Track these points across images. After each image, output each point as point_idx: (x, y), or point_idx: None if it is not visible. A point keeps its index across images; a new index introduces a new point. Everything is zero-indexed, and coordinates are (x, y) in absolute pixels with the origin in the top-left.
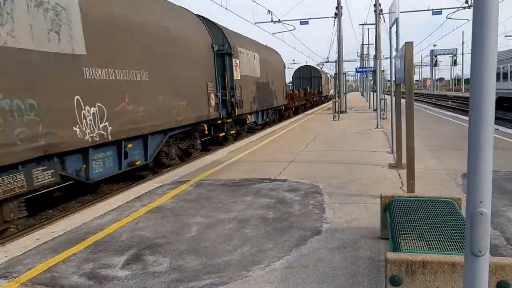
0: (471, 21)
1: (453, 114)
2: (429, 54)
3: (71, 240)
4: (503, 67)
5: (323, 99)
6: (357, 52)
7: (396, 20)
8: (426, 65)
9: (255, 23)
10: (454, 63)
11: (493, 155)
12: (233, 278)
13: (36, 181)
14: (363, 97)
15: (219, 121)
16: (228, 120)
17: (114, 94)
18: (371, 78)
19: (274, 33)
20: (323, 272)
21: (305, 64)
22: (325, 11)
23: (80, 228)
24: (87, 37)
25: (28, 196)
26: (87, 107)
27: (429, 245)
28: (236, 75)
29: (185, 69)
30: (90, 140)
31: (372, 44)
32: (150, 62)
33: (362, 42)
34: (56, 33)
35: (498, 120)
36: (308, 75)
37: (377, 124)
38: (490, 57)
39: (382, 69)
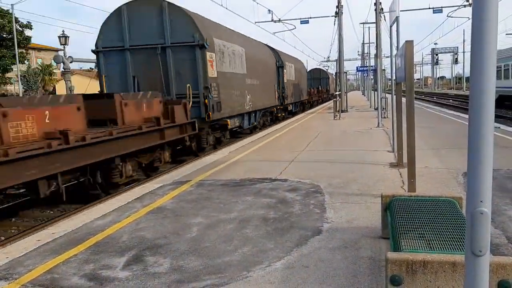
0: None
1: (454, 113)
2: (430, 53)
3: (71, 241)
4: (504, 65)
5: (330, 96)
6: (358, 51)
7: (397, 19)
8: (427, 64)
9: (255, 22)
10: (455, 61)
11: (494, 154)
12: (234, 279)
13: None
14: (364, 96)
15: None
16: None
17: (253, 90)
18: (372, 77)
19: (274, 33)
20: (323, 272)
21: (315, 67)
22: (326, 10)
23: (80, 229)
24: (247, 65)
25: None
26: (247, 96)
27: (430, 244)
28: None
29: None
30: (249, 109)
31: (373, 43)
32: (258, 75)
33: (363, 41)
34: (239, 64)
35: (499, 118)
36: (318, 76)
37: (378, 123)
38: (490, 56)
39: (383, 68)
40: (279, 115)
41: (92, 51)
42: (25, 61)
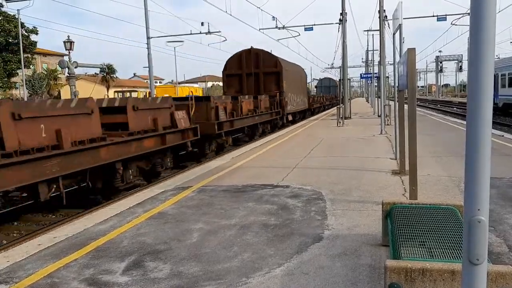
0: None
1: (458, 121)
2: (434, 60)
3: (72, 245)
4: (508, 73)
5: (338, 102)
6: (362, 58)
7: (400, 27)
8: (432, 71)
9: (260, 29)
10: (460, 69)
11: (497, 162)
12: (233, 285)
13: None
14: (368, 102)
15: None
16: None
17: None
18: (375, 84)
19: (278, 39)
20: (323, 279)
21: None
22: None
23: (81, 233)
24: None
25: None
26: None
27: (431, 252)
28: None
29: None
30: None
31: (377, 50)
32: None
33: (367, 48)
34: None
35: (503, 126)
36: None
37: (381, 130)
38: (487, 63)
39: (387, 75)
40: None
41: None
42: (31, 66)
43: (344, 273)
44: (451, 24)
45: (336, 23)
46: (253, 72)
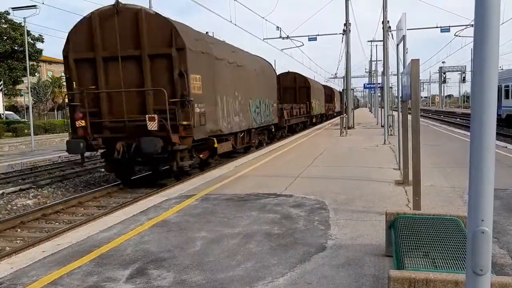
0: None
1: (461, 131)
2: (437, 71)
3: (76, 253)
4: (511, 85)
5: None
6: (365, 68)
7: (404, 37)
8: (435, 82)
9: (264, 39)
10: (463, 80)
11: (501, 173)
12: None
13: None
14: (371, 113)
15: None
16: None
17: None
18: (379, 94)
19: (282, 49)
20: None
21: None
22: (334, 27)
23: (85, 241)
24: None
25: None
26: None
27: (434, 263)
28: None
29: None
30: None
31: (380, 60)
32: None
33: (371, 58)
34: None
35: (507, 137)
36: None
37: (385, 140)
38: (491, 73)
39: (390, 86)
40: None
41: None
42: (36, 74)
43: (348, 283)
44: (455, 35)
45: (340, 33)
46: (293, 87)
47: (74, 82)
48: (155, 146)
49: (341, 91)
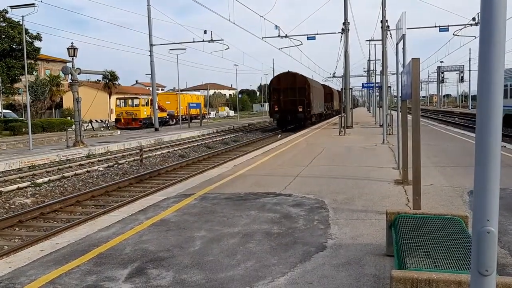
0: (478, 38)
1: (460, 131)
2: (436, 70)
3: (74, 252)
4: (510, 84)
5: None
6: (364, 68)
7: (403, 37)
8: (433, 81)
9: (262, 38)
10: (461, 79)
11: (501, 172)
12: None
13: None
14: (369, 112)
15: None
16: None
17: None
18: (377, 93)
19: (281, 48)
20: None
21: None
22: (332, 26)
23: (84, 240)
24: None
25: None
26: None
27: (435, 263)
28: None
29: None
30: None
31: (379, 60)
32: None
33: (369, 57)
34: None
35: (505, 137)
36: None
37: (383, 139)
38: (498, 73)
39: (389, 85)
40: None
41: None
42: (34, 72)
43: (348, 283)
44: (453, 34)
45: (339, 32)
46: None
47: (274, 96)
48: (301, 116)
49: (340, 90)
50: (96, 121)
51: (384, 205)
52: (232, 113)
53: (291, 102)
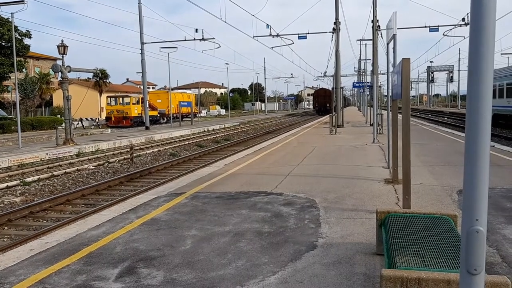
0: (468, 38)
1: (449, 130)
2: (425, 70)
3: (64, 251)
4: (499, 84)
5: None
6: (355, 67)
7: (394, 37)
8: (423, 81)
9: (254, 36)
10: (451, 79)
11: (489, 172)
12: None
13: None
14: (360, 111)
15: None
16: None
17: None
18: (368, 93)
19: (272, 47)
20: None
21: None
22: (324, 25)
23: (74, 239)
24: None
25: None
26: None
27: (425, 262)
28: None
29: None
30: None
31: (370, 59)
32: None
33: (360, 57)
34: None
35: (494, 137)
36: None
37: (374, 139)
38: (487, 74)
39: (379, 84)
40: None
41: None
42: (23, 70)
43: (339, 282)
44: (443, 35)
45: (330, 32)
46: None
47: (316, 98)
48: (328, 109)
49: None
50: (87, 119)
51: (375, 204)
52: (223, 111)
53: (323, 102)
